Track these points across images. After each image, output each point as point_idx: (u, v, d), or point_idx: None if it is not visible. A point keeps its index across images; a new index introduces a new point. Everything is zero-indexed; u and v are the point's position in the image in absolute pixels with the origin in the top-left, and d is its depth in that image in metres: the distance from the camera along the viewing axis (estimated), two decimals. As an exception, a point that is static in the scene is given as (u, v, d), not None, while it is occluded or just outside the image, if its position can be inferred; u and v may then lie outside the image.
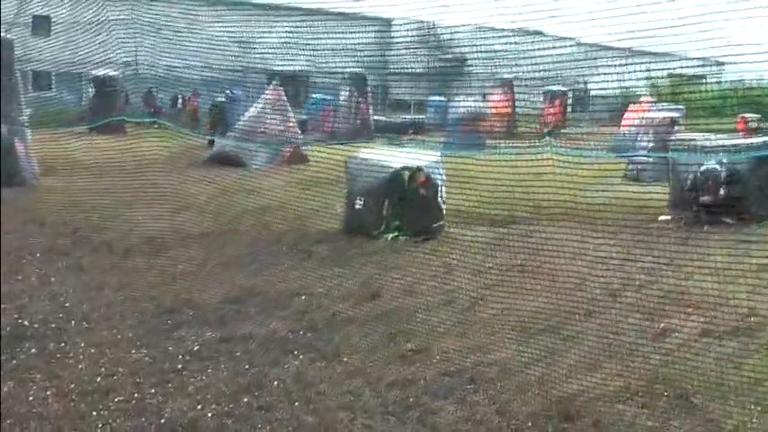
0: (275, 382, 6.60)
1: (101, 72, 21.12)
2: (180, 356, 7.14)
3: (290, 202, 11.44)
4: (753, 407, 5.93)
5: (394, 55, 14.14)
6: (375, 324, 7.99)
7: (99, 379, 6.59)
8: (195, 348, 7.34)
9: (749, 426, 5.74)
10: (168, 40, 13.42)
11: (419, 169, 11.94)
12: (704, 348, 6.95)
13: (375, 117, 24.42)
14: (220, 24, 12.87)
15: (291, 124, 19.73)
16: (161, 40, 13.51)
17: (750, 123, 25.45)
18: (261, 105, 18.95)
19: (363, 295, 8.95)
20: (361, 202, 11.96)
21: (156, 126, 16.90)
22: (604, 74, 10.01)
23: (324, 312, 8.37)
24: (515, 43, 10.06)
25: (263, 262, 10.31)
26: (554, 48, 9.27)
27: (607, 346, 7.03)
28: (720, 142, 13.76)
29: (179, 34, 13.20)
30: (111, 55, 14.42)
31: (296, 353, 7.26)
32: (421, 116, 26.27)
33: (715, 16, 6.49)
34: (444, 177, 12.04)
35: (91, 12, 14.04)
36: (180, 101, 23.85)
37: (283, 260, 10.45)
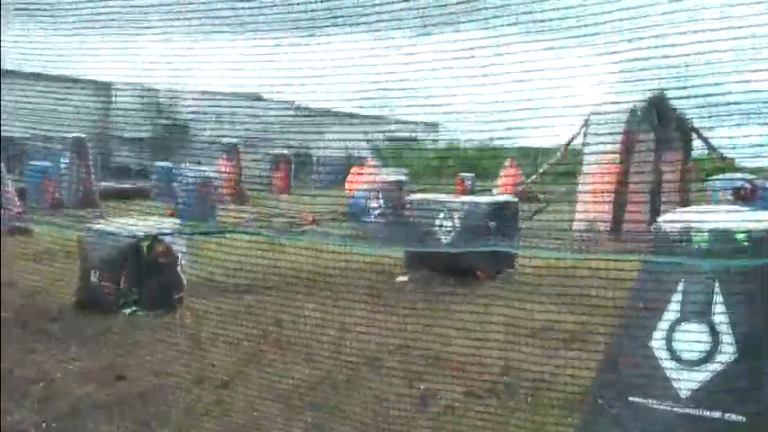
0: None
1: None
2: None
3: (18, 277, 10.65)
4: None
5: (115, 120, 13.68)
6: (125, 408, 7.51)
7: None
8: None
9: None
10: None
11: (158, 239, 11.49)
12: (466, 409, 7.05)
13: (102, 183, 23.47)
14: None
15: (10, 193, 18.52)
16: None
17: (466, 183, 26.95)
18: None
19: (107, 378, 8.40)
20: (97, 276, 11.33)
21: None
22: (327, 138, 10.14)
23: (67, 399, 7.78)
24: (238, 107, 9.99)
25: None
26: (274, 111, 9.35)
27: (372, 414, 6.98)
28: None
29: None
30: None
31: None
32: (145, 183, 25.50)
33: (428, 82, 6.68)
34: (185, 247, 11.63)
35: None
36: None
37: (16, 342, 9.66)
